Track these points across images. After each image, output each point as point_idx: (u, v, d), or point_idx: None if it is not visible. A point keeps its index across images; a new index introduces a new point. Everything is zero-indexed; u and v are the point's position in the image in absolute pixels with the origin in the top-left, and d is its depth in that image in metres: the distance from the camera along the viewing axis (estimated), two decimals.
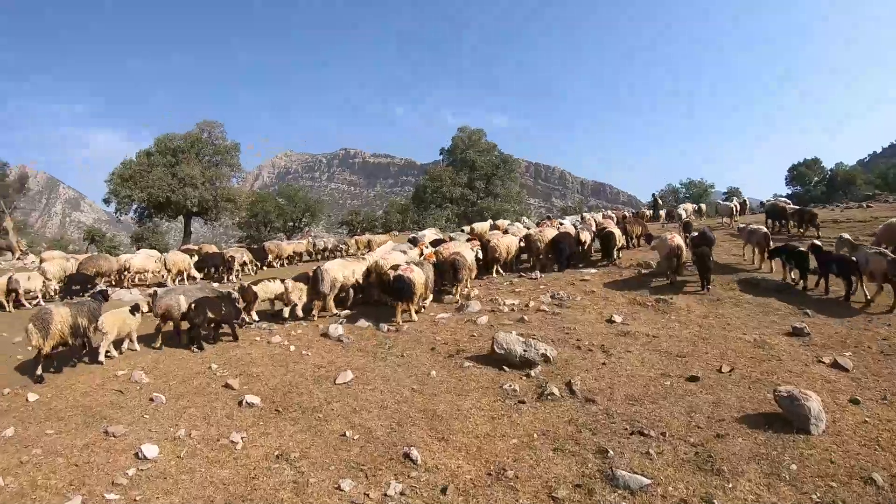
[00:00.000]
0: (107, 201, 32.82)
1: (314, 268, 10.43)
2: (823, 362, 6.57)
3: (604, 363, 6.96)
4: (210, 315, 8.37)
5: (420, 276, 9.42)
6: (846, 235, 11.27)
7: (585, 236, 13.64)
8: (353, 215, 46.31)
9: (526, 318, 8.97)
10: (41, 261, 16.03)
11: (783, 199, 17.57)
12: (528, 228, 17.81)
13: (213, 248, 19.68)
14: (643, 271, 11.72)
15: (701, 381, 6.22)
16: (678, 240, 10.76)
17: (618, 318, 8.71)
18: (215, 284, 13.71)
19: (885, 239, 11.02)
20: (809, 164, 46.41)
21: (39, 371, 7.03)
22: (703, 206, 25.18)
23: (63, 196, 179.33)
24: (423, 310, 9.93)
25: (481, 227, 19.41)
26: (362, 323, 9.33)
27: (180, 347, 8.40)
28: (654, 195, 31.09)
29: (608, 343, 7.67)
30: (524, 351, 6.98)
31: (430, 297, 10.36)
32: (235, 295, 9.42)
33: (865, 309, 8.48)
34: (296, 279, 10.47)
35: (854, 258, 9.05)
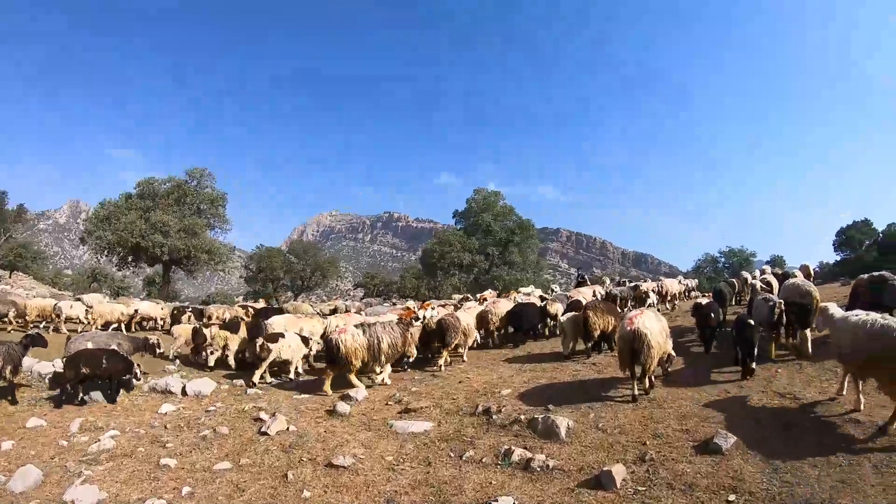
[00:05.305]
0: (82, 240, 32.23)
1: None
2: None
3: None
4: (84, 370, 7.55)
5: (354, 340, 8.33)
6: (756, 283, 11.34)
7: (556, 308, 11.54)
8: (369, 278, 43.62)
9: None
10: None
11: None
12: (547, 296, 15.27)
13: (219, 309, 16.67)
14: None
15: None
16: (640, 322, 6.72)
17: None
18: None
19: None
20: (859, 226, 40.68)
21: None
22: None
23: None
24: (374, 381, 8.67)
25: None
26: None
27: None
28: (578, 272, 25.56)
29: None
30: None
31: (388, 368, 9.01)
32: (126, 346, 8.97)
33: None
34: (222, 327, 10.74)
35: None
